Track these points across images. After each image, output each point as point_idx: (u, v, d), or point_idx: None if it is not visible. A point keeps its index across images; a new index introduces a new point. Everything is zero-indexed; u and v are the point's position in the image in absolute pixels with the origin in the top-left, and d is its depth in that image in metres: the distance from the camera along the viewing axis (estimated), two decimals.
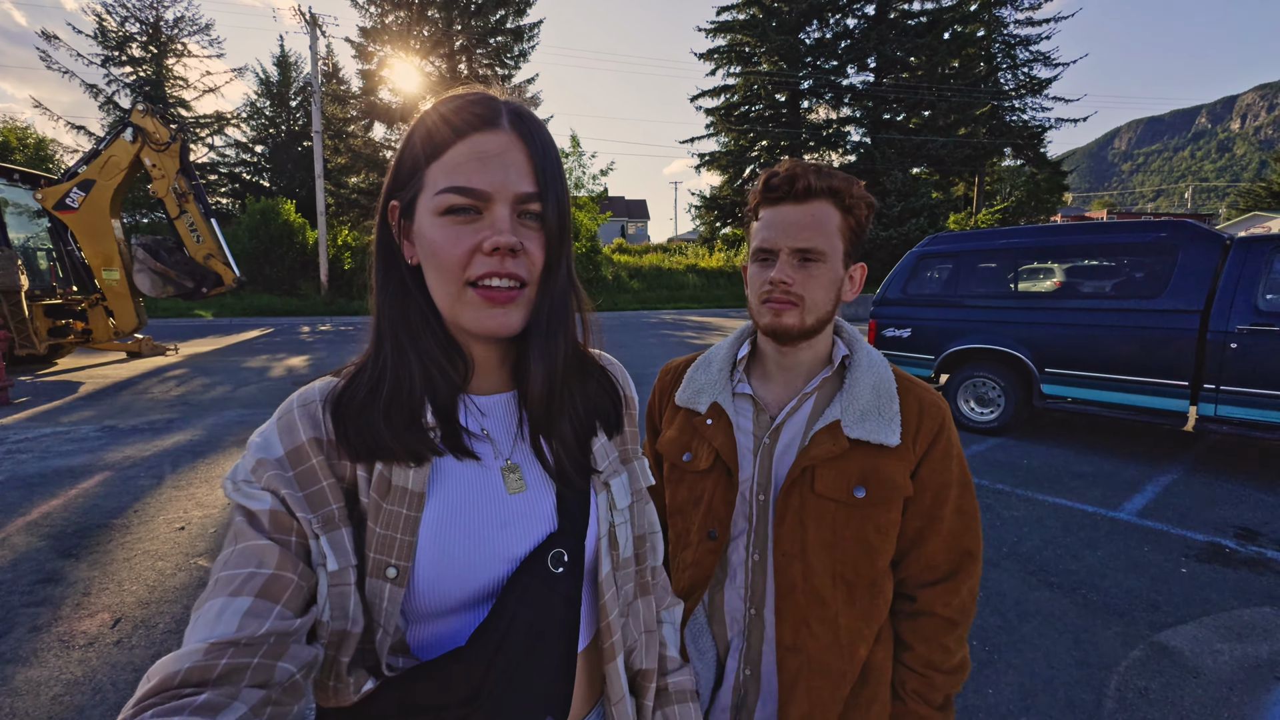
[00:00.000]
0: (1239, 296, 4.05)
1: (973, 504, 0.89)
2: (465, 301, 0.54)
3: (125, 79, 24.33)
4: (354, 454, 0.54)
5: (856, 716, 0.86)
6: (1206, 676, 2.18)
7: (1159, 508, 3.73)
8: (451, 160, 0.53)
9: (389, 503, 0.53)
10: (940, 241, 5.76)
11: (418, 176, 0.55)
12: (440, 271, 0.54)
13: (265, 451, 0.52)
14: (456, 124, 0.53)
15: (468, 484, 0.58)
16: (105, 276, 8.69)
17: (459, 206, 0.53)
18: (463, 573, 0.55)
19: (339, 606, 0.51)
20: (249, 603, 0.46)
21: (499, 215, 0.53)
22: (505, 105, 0.56)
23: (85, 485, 3.93)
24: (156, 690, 0.41)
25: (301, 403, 0.56)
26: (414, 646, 0.56)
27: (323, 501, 0.52)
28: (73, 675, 2.12)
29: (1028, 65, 27.71)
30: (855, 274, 0.90)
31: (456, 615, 0.56)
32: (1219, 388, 4.12)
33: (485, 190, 0.52)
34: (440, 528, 0.55)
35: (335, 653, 0.51)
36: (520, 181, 0.54)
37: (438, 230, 0.53)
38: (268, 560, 0.48)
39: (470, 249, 0.53)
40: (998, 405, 5.26)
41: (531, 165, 0.54)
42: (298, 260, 18.94)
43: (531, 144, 0.55)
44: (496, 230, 0.52)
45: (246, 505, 0.51)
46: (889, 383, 0.89)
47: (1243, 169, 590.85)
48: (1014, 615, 2.56)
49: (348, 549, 0.52)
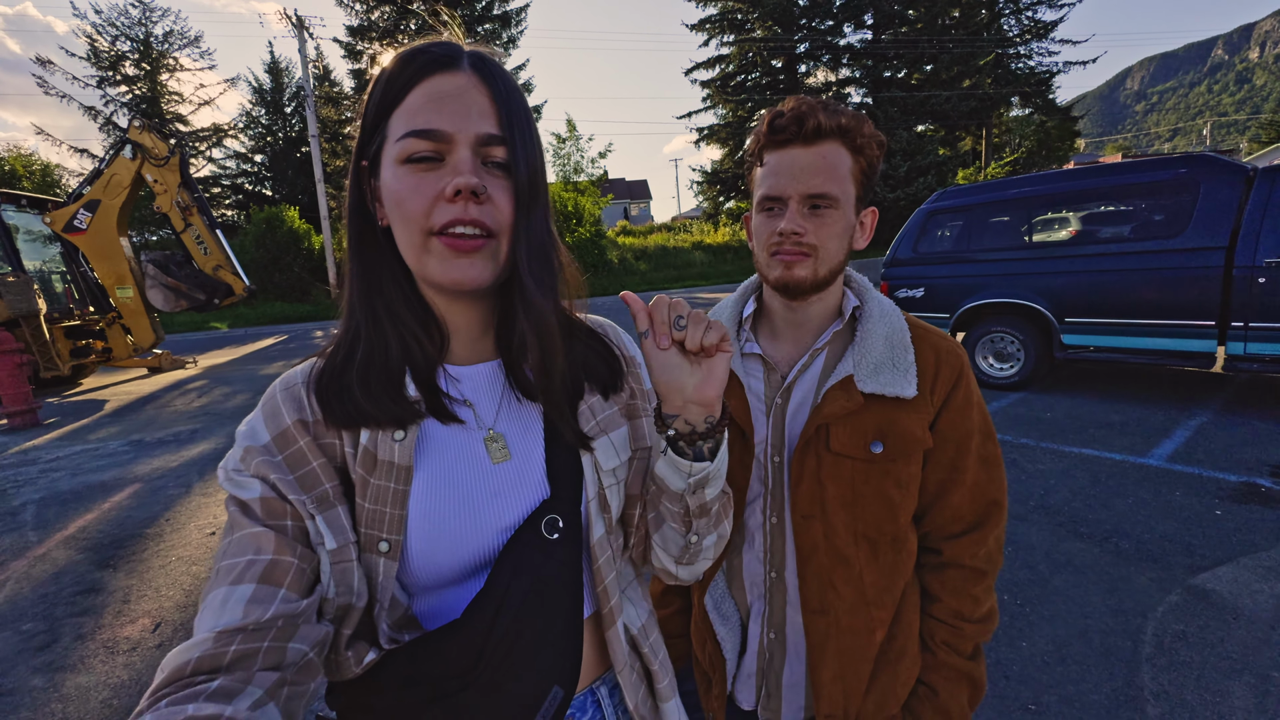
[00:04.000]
0: (1265, 229, 3.89)
1: (996, 452, 0.86)
2: (430, 251, 0.52)
3: (121, 98, 24.49)
4: (336, 421, 0.53)
5: (887, 672, 0.84)
6: (1246, 617, 2.13)
7: (1190, 451, 3.64)
8: (410, 105, 0.51)
9: (376, 477, 0.53)
10: (949, 196, 5.61)
11: (380, 128, 0.53)
12: (404, 222, 0.52)
13: (252, 439, 0.52)
14: (414, 68, 0.51)
15: (454, 456, 0.57)
16: (119, 295, 8.82)
17: (420, 153, 0.50)
18: (455, 544, 0.55)
19: (343, 582, 0.51)
20: (251, 589, 0.46)
21: (460, 158, 0.51)
22: (466, 49, 0.53)
23: (117, 498, 4.03)
24: (169, 680, 0.42)
25: (284, 387, 0.55)
26: (420, 618, 0.56)
27: (314, 482, 0.52)
28: (119, 679, 2.19)
29: (1031, 9, 26.75)
30: (866, 220, 0.86)
31: (454, 586, 0.56)
32: (1248, 325, 3.99)
33: (444, 130, 0.50)
34: (429, 501, 0.55)
35: (338, 626, 0.52)
36: (481, 122, 0.51)
37: (399, 180, 0.51)
38: (265, 546, 0.48)
39: (433, 196, 0.50)
40: (1017, 360, 5.16)
41: (495, 108, 0.52)
42: (306, 266, 19.12)
43: (493, 85, 0.52)
44: (458, 171, 0.50)
45: (238, 495, 0.51)
46: (903, 332, 0.85)
47: (1264, 99, 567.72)
48: (1045, 568, 2.53)
49: (345, 526, 0.52)
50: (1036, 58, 27.10)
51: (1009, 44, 26.40)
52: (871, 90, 25.98)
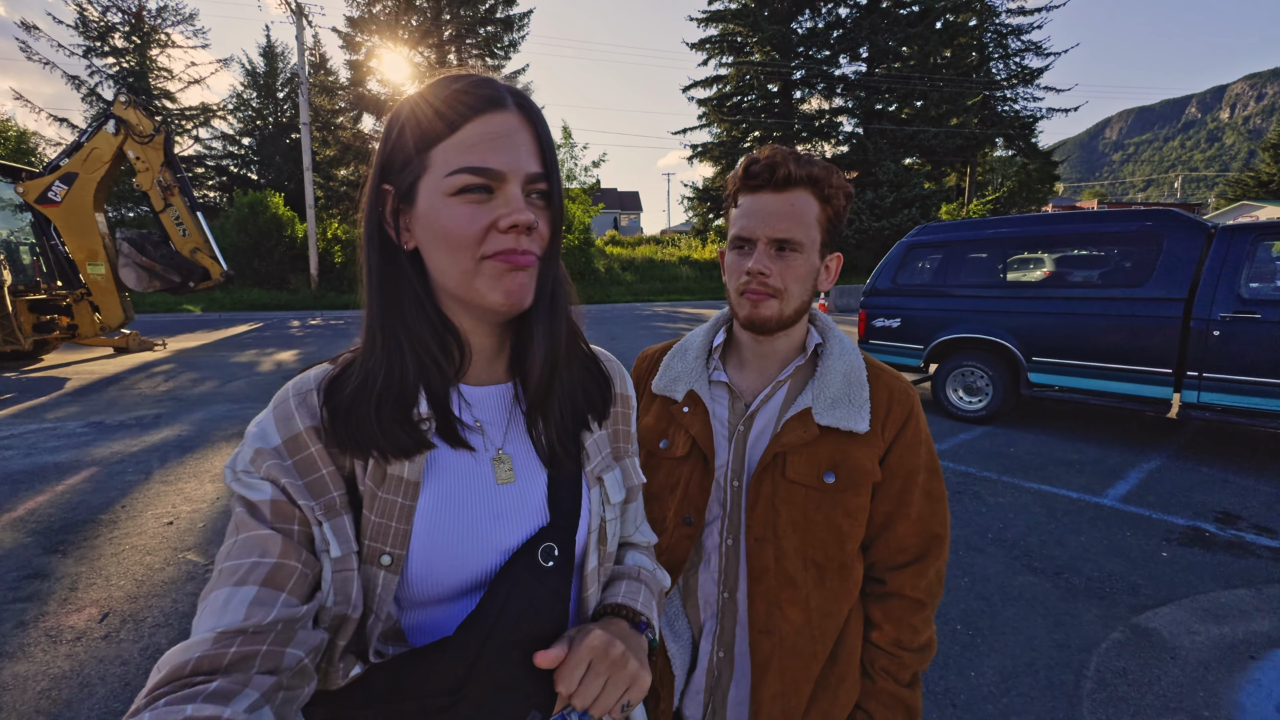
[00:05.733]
0: (1222, 285, 4.09)
1: (940, 488, 0.90)
2: (482, 273, 0.54)
3: (108, 70, 23.93)
4: (347, 448, 0.54)
5: (827, 695, 0.87)
6: (1183, 657, 2.22)
7: (1142, 493, 3.78)
8: (463, 141, 0.53)
9: (385, 491, 0.54)
10: (930, 231, 5.78)
11: (419, 159, 0.54)
12: (453, 249, 0.54)
13: (263, 441, 0.53)
14: (464, 104, 0.53)
15: (461, 474, 0.58)
16: (90, 271, 8.59)
17: (474, 186, 0.52)
18: (456, 562, 0.56)
19: (342, 592, 0.52)
20: (254, 591, 0.46)
21: (513, 194, 0.53)
22: (506, 87, 0.56)
23: (72, 481, 3.91)
24: (168, 680, 0.42)
25: (297, 391, 0.56)
26: (406, 633, 0.57)
27: (323, 489, 0.53)
28: (60, 669, 2.12)
29: (1019, 55, 27.74)
30: (831, 264, 0.91)
31: (449, 604, 0.57)
32: (1202, 375, 4.17)
33: (500, 170, 0.53)
34: (434, 517, 0.55)
35: (333, 637, 0.52)
36: (530, 162, 0.54)
37: (450, 209, 0.53)
38: (271, 549, 0.48)
39: (485, 226, 0.53)
40: (986, 394, 5.30)
41: (538, 146, 0.55)
42: (287, 254, 18.76)
43: (538, 125, 0.56)
44: (513, 209, 0.53)
45: (247, 496, 0.51)
46: (859, 370, 0.90)
47: (1232, 158, 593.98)
48: (997, 599, 2.60)
49: (350, 535, 0.53)
50: (1022, 102, 28.07)
51: (996, 87, 27.30)
52: (863, 121, 26.59)
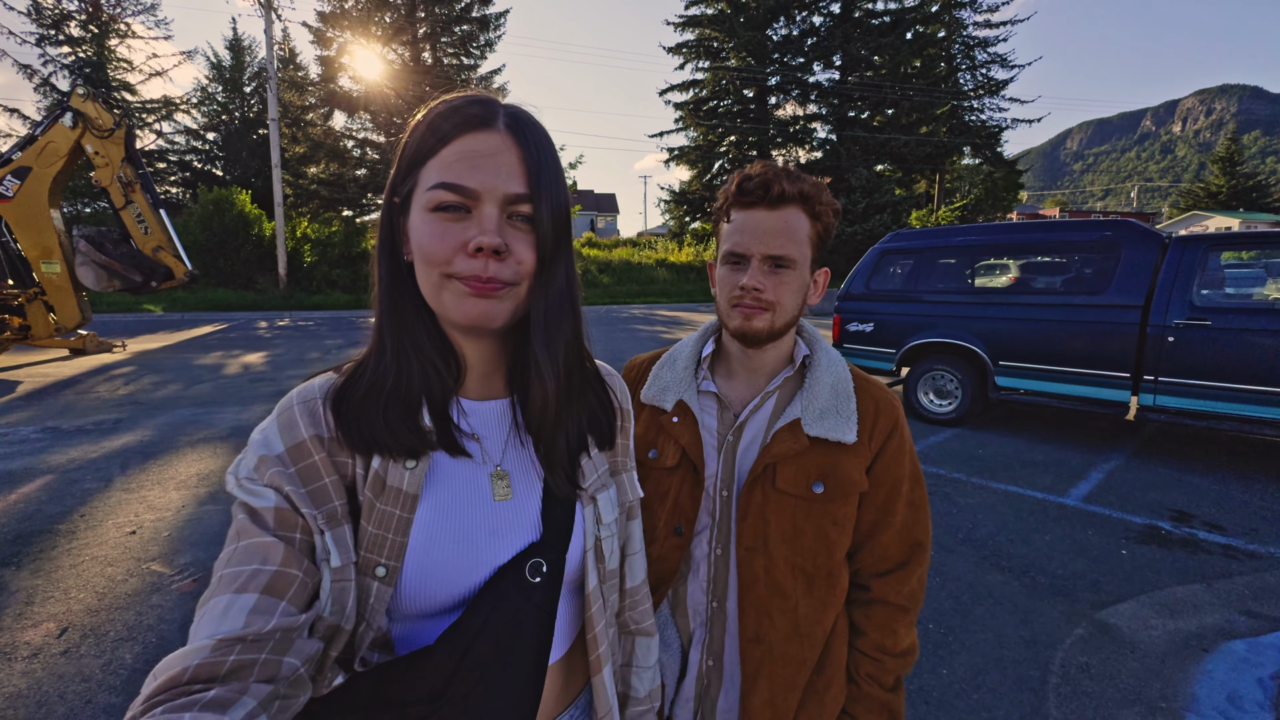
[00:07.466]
0: (1175, 293, 4.29)
1: (923, 496, 0.93)
2: (447, 290, 0.55)
3: (63, 59, 22.90)
4: (353, 445, 0.54)
5: (814, 701, 0.90)
6: (1142, 651, 2.32)
7: (1102, 493, 3.93)
8: (444, 158, 0.54)
9: (383, 502, 0.54)
10: (902, 238, 5.92)
11: (414, 173, 0.56)
12: (425, 264, 0.55)
13: (266, 448, 0.53)
14: (452, 123, 0.54)
15: (460, 489, 0.59)
16: (44, 269, 8.22)
17: (448, 204, 0.53)
18: (449, 576, 0.56)
19: (339, 602, 0.52)
20: (254, 599, 0.46)
21: (486, 215, 0.53)
22: (504, 108, 0.57)
23: (26, 490, 3.74)
24: (164, 687, 0.41)
25: (302, 399, 0.56)
26: (395, 643, 0.57)
27: (326, 498, 0.53)
28: (16, 688, 2.03)
29: (986, 66, 28.58)
30: (819, 279, 0.94)
31: (440, 617, 0.57)
32: (1157, 379, 4.36)
33: (474, 189, 0.53)
34: (431, 531, 0.56)
35: (326, 646, 0.52)
36: (510, 182, 0.54)
37: (426, 225, 0.54)
38: (272, 557, 0.48)
39: (455, 246, 0.53)
40: (955, 397, 5.45)
41: (524, 167, 0.55)
42: (254, 253, 18.21)
43: (526, 146, 0.55)
44: (483, 230, 0.53)
45: (250, 502, 0.51)
46: (847, 382, 0.92)
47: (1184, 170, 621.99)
48: (968, 598, 2.68)
49: (350, 545, 0.53)
50: (988, 112, 28.91)
51: (964, 97, 28.07)
52: (836, 128, 27.02)
